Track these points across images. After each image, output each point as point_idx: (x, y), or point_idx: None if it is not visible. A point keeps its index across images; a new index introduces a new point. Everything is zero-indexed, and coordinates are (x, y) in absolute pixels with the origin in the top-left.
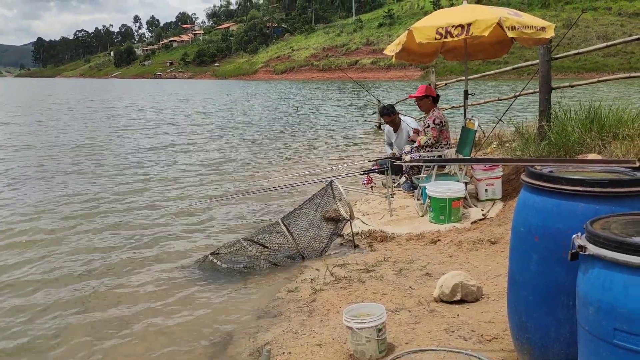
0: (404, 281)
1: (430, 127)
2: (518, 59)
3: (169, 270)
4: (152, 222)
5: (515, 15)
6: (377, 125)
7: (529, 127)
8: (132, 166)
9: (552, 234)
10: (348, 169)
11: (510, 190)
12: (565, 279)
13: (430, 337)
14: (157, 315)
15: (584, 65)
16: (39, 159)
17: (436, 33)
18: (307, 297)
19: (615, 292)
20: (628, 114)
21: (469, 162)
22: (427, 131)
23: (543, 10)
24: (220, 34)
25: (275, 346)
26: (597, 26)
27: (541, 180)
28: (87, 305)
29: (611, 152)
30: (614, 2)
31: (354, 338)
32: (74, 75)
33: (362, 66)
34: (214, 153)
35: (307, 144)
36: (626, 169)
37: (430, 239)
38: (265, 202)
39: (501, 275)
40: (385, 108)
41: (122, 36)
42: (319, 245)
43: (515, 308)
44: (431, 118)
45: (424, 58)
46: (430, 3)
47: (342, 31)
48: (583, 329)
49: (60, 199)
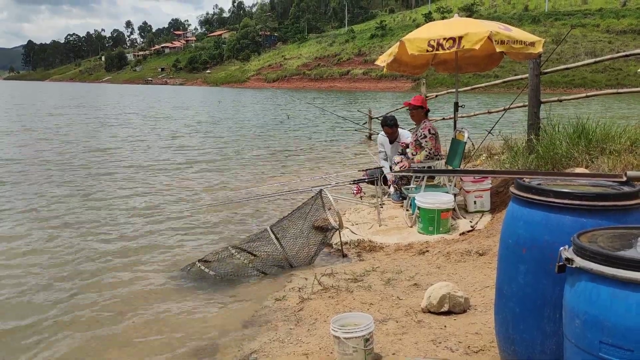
0: (391, 291)
1: (428, 137)
2: (508, 72)
3: (156, 277)
4: (139, 229)
5: (505, 29)
6: (367, 135)
7: (518, 140)
8: (120, 173)
9: (540, 246)
10: (338, 179)
11: (499, 202)
12: (552, 292)
13: (417, 348)
14: (142, 322)
15: (573, 80)
16: (24, 165)
17: (428, 45)
18: (294, 305)
19: (601, 305)
20: (615, 129)
21: (458, 174)
22: (424, 142)
23: (533, 26)
24: (212, 41)
25: (261, 355)
26: (585, 42)
27: (529, 193)
28: (71, 313)
29: (598, 166)
30: (602, 19)
31: (341, 348)
32: (64, 79)
33: (353, 76)
34: (204, 161)
35: (297, 153)
36: (613, 183)
37: (419, 249)
38: (254, 210)
39: (489, 287)
40: (389, 119)
41: (114, 41)
42: (307, 254)
43: (502, 320)
44: (425, 128)
45: (415, 69)
46: (422, 16)
47: (335, 41)
48: (569, 341)
49: (43, 206)
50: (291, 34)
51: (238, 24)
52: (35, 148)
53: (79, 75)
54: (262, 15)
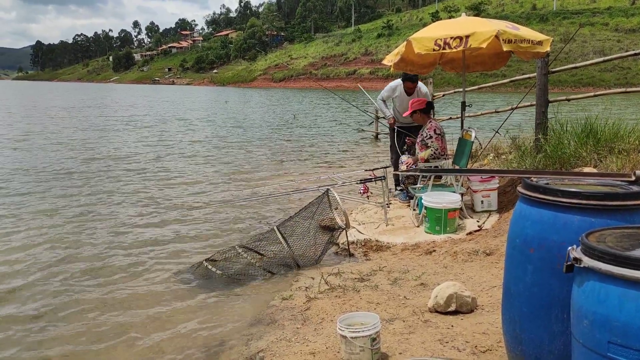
0: (398, 291)
1: (433, 137)
2: (515, 72)
3: (163, 276)
4: (146, 228)
5: (513, 28)
6: (374, 136)
7: (526, 139)
8: (126, 171)
9: (548, 245)
10: (344, 178)
11: (506, 202)
12: (560, 291)
13: (424, 348)
14: (150, 321)
15: (581, 79)
16: (34, 160)
17: (435, 44)
18: (301, 305)
19: (610, 305)
20: (624, 128)
21: (465, 173)
22: (430, 142)
23: (541, 24)
24: (219, 41)
25: (268, 354)
26: (594, 41)
27: (537, 192)
28: (76, 312)
29: (607, 165)
30: (611, 17)
31: (347, 347)
32: (72, 79)
33: (360, 76)
34: (211, 160)
35: (303, 152)
36: (622, 183)
37: (426, 249)
38: (261, 209)
39: (496, 287)
40: (413, 76)
41: (121, 41)
42: (314, 253)
43: (509, 320)
44: (431, 128)
45: (422, 69)
46: (429, 15)
47: (341, 41)
48: (577, 341)
49: (48, 203)
50: (298, 34)
51: (245, 23)
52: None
53: (87, 76)
54: (269, 15)
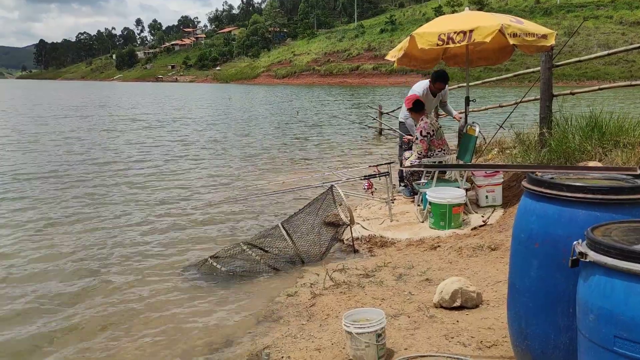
0: (403, 287)
1: (419, 139)
2: (519, 66)
3: (168, 273)
4: (151, 225)
5: (517, 22)
6: (377, 131)
7: (530, 134)
8: (133, 168)
9: (553, 240)
10: (349, 174)
11: (511, 196)
12: (565, 286)
13: (430, 343)
14: (155, 318)
15: (585, 73)
16: (39, 159)
17: (438, 39)
18: (306, 301)
19: (616, 299)
20: (629, 122)
21: (469, 168)
22: (414, 144)
23: (545, 18)
24: (222, 38)
25: (274, 350)
26: (598, 34)
27: (542, 187)
28: (82, 312)
29: (612, 159)
30: (615, 10)
31: (353, 343)
32: (76, 78)
33: (363, 71)
34: (216, 157)
35: (307, 148)
36: (627, 177)
37: (430, 244)
38: (265, 206)
39: (501, 282)
40: (445, 75)
41: (125, 39)
42: (318, 249)
43: (515, 315)
44: (419, 129)
45: (426, 64)
46: (433, 9)
47: (344, 36)
48: (583, 336)
49: (51, 199)
50: (300, 30)
51: (247, 20)
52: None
53: (90, 74)
54: (272, 11)
